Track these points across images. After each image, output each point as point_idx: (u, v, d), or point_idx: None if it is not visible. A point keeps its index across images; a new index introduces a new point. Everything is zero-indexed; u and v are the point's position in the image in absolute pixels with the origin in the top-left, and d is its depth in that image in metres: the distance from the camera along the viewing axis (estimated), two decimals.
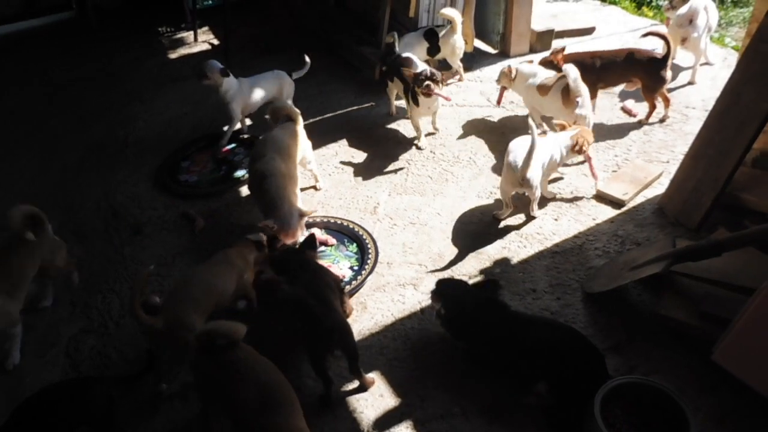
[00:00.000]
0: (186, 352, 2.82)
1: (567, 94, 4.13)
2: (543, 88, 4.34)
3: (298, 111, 4.20)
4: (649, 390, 2.53)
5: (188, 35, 7.20)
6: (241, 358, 2.49)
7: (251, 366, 2.49)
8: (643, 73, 4.47)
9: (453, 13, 5.17)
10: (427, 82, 4.30)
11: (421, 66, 4.56)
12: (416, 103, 4.45)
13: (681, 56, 5.41)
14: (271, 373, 2.50)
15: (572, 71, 4.03)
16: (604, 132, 4.62)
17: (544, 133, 4.00)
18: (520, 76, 4.55)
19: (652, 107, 4.60)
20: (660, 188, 3.98)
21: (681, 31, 4.99)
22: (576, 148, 3.84)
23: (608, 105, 4.94)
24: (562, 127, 3.97)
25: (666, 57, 4.40)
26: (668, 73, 4.45)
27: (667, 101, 4.60)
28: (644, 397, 2.54)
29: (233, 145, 4.92)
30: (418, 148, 4.67)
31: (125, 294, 3.61)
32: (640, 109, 4.75)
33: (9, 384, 3.12)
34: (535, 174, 3.60)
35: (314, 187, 4.34)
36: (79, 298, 3.63)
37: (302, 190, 4.14)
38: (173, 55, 6.77)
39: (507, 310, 2.94)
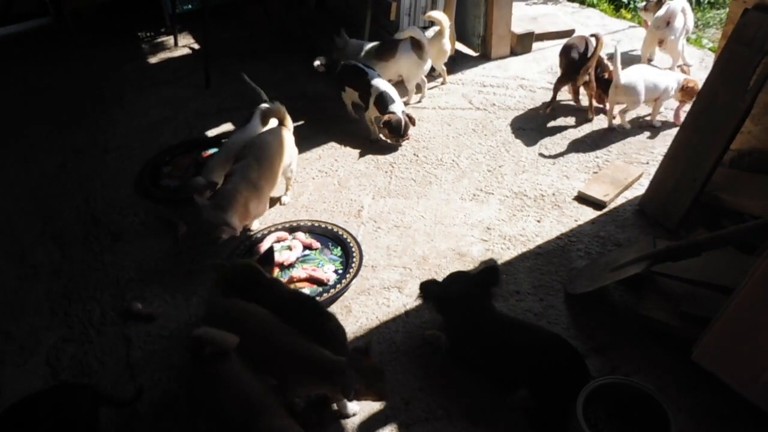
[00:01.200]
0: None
1: None
2: None
3: (288, 117, 4.19)
4: (630, 390, 2.55)
5: (168, 40, 7.14)
6: (228, 371, 2.48)
7: (237, 379, 2.47)
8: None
9: (441, 16, 5.18)
10: (404, 136, 4.61)
11: (393, 102, 4.59)
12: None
13: (659, 58, 5.49)
14: (254, 385, 2.48)
15: None
16: (584, 134, 4.68)
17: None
18: None
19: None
20: (640, 189, 4.02)
21: (659, 33, 5.06)
22: (686, 90, 4.51)
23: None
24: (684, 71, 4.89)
25: (586, 54, 4.62)
26: (588, 71, 4.66)
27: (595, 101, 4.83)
28: (626, 397, 2.56)
29: (215, 150, 4.88)
30: (371, 141, 4.83)
31: (106, 301, 3.57)
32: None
33: None
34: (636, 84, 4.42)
35: (279, 201, 4.23)
36: (59, 306, 3.58)
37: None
38: (153, 60, 6.71)
39: (493, 310, 2.94)
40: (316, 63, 5.30)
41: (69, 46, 7.08)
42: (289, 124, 4.22)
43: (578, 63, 4.62)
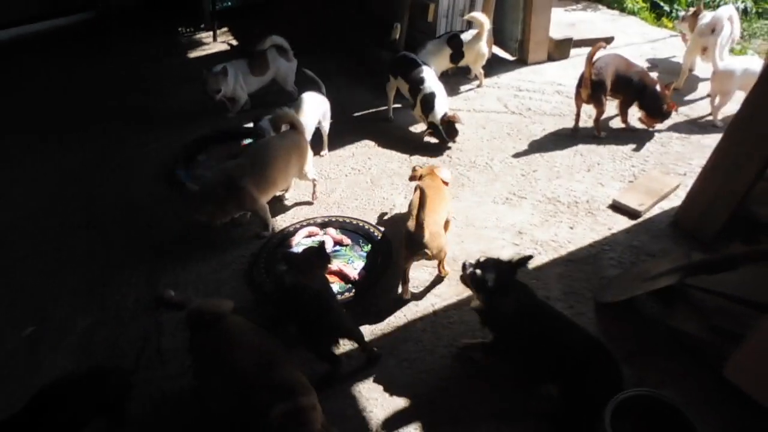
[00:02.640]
0: None
1: None
2: None
3: (301, 121, 4.14)
4: (658, 403, 2.52)
5: (207, 36, 7.27)
6: (231, 328, 2.65)
7: (243, 333, 2.64)
8: None
9: (481, 17, 5.17)
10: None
11: (434, 108, 4.62)
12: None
13: (701, 67, 5.40)
14: (262, 336, 2.66)
15: None
16: (621, 142, 4.63)
17: None
18: None
19: None
20: (676, 200, 3.97)
21: (702, 40, 4.97)
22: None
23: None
24: None
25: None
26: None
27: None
28: (654, 410, 2.53)
29: (250, 141, 4.96)
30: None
31: (140, 288, 3.65)
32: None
33: (25, 371, 3.17)
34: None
35: (308, 202, 4.27)
36: (95, 290, 3.67)
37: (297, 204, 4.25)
38: (192, 55, 6.84)
39: (537, 300, 2.90)
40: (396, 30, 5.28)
41: (113, 39, 7.26)
42: (302, 127, 4.11)
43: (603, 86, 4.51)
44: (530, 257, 2.91)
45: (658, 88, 4.53)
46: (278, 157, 3.88)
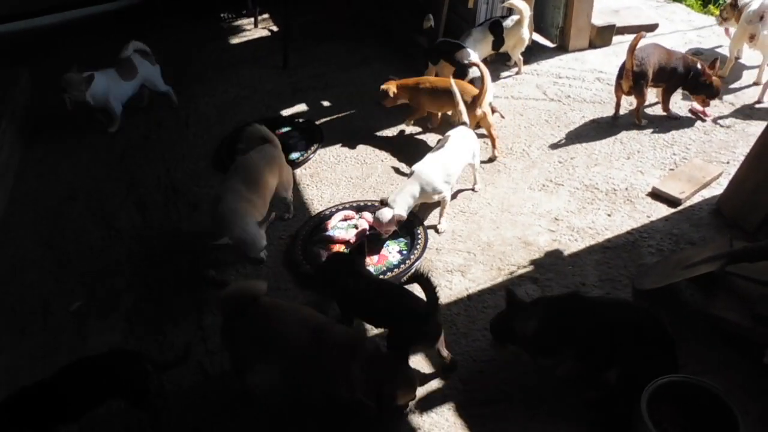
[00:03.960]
0: None
1: None
2: None
3: (274, 135, 3.96)
4: (698, 390, 2.49)
5: (248, 22, 7.35)
6: (270, 306, 2.73)
7: (284, 308, 2.74)
8: None
9: (522, 4, 5.12)
10: None
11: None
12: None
13: (747, 55, 5.26)
14: (301, 308, 2.79)
15: None
16: (662, 130, 4.55)
17: None
18: None
19: None
20: (718, 189, 3.89)
21: (750, 27, 4.83)
22: None
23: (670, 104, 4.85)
24: None
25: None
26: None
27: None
28: (693, 396, 2.50)
29: (288, 128, 5.02)
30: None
31: (182, 267, 3.75)
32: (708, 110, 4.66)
33: (74, 342, 3.31)
34: None
35: (280, 217, 4.01)
36: (139, 268, 3.79)
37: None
38: (234, 41, 6.93)
39: (588, 301, 2.85)
40: (428, 21, 5.19)
41: (157, 25, 7.39)
42: (276, 141, 3.94)
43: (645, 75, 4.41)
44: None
45: (699, 66, 4.46)
46: (264, 172, 3.70)
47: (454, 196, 4.01)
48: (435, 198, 3.77)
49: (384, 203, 3.64)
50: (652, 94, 4.72)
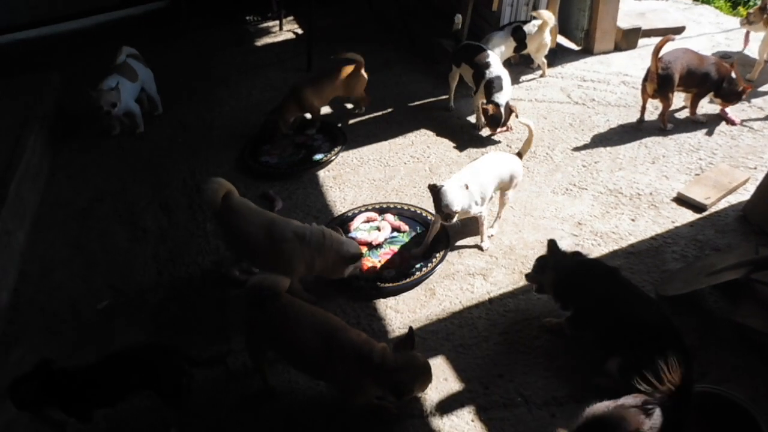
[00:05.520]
0: None
1: None
2: None
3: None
4: (722, 400, 2.47)
5: (274, 24, 7.43)
6: (289, 305, 2.78)
7: (301, 308, 2.78)
8: None
9: (547, 15, 5.11)
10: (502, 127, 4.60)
11: (500, 91, 4.53)
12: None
13: None
14: (317, 311, 2.81)
15: None
16: (688, 134, 4.50)
17: None
18: None
19: None
20: (745, 195, 3.84)
21: None
22: None
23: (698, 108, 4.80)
24: None
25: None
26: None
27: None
28: (717, 406, 2.48)
29: (312, 131, 5.06)
30: (477, 129, 4.84)
31: (206, 266, 3.81)
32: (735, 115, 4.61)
33: (103, 340, 3.37)
34: None
35: None
36: (164, 267, 3.86)
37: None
38: (259, 43, 7.00)
39: (618, 274, 2.94)
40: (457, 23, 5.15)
41: (182, 28, 7.51)
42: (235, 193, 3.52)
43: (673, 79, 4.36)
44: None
45: (734, 75, 4.40)
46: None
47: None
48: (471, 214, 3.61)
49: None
50: (679, 98, 4.67)
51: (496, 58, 4.71)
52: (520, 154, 3.86)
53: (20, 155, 4.47)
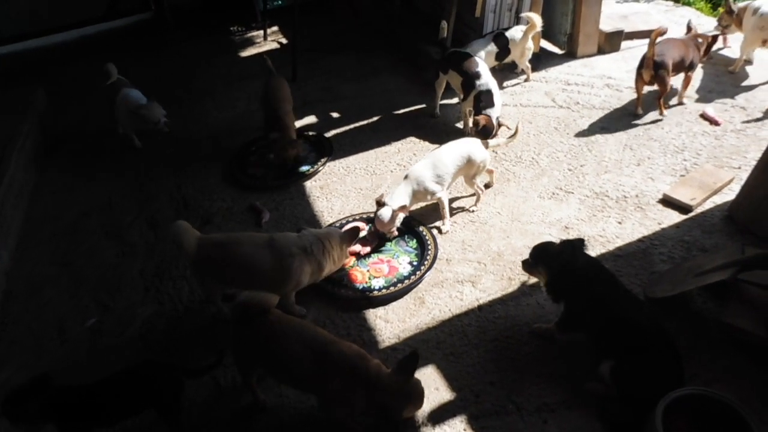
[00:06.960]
0: None
1: None
2: None
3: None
4: (712, 402, 2.47)
5: (258, 34, 7.42)
6: (276, 321, 2.74)
7: (289, 323, 2.75)
8: None
9: (536, 18, 5.13)
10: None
11: (491, 106, 4.55)
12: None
13: (760, 58, 5.23)
14: (306, 325, 2.78)
15: None
16: (673, 136, 4.53)
17: None
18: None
19: None
20: (730, 194, 3.86)
21: (763, 33, 4.84)
22: None
23: (681, 110, 4.84)
24: None
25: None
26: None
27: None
28: (708, 408, 2.48)
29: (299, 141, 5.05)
30: (467, 134, 4.81)
31: (193, 280, 3.78)
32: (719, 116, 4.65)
33: (88, 361, 3.34)
34: None
35: None
36: (151, 283, 3.83)
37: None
38: (243, 54, 6.99)
39: (611, 275, 2.91)
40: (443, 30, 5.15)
41: (167, 39, 7.49)
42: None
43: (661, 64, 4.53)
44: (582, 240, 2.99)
45: (700, 41, 4.79)
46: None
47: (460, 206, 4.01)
48: (429, 198, 3.85)
49: (381, 204, 3.73)
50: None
51: (484, 65, 4.71)
52: (486, 142, 4.03)
53: (3, 172, 4.44)
